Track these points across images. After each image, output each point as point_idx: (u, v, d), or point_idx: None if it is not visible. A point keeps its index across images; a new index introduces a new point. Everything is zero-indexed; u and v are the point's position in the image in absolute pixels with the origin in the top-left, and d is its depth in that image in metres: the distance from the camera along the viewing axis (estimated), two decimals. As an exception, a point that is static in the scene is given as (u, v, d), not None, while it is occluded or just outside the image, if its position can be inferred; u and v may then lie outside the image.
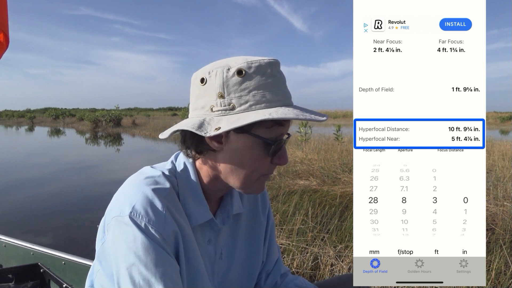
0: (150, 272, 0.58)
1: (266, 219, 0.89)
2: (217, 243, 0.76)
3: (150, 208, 0.61)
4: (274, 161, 0.69)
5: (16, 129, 26.89)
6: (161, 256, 0.59)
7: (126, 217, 0.60)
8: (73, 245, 3.30)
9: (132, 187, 0.65)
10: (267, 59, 0.65)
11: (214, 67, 0.66)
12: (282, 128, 0.66)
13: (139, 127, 22.72)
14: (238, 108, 0.63)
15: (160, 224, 0.61)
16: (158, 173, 0.69)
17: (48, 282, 1.47)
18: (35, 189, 5.83)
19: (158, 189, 0.64)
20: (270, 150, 0.66)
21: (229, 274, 0.79)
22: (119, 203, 0.63)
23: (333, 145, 8.34)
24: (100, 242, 0.66)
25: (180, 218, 0.65)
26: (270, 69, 0.64)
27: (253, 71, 0.63)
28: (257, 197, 0.88)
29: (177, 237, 0.64)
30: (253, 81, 0.63)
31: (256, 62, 0.64)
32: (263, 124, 0.64)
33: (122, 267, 0.59)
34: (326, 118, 0.64)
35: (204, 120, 0.65)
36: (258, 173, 0.68)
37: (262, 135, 0.65)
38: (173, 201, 0.66)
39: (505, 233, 2.88)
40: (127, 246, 0.59)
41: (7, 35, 1.31)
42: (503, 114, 36.77)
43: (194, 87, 0.69)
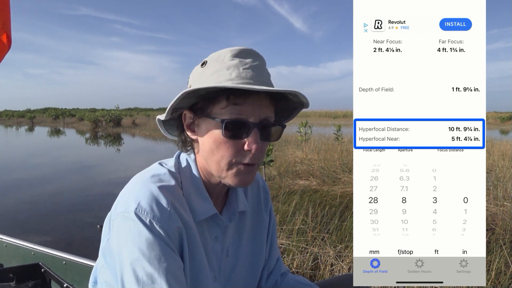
0: (154, 267, 0.58)
1: (268, 217, 0.90)
2: (224, 241, 0.77)
3: (155, 204, 0.62)
4: (244, 147, 0.66)
5: (16, 129, 26.89)
6: (165, 252, 0.60)
7: (132, 213, 0.61)
8: (74, 245, 3.31)
9: (138, 184, 0.66)
10: (232, 48, 0.69)
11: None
12: (239, 108, 0.64)
13: (139, 127, 22.72)
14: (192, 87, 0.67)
15: (164, 220, 0.61)
16: (164, 171, 0.70)
17: (49, 281, 1.47)
18: (35, 189, 5.83)
19: (163, 186, 0.65)
20: (222, 131, 0.64)
21: (234, 272, 0.79)
22: (125, 200, 0.64)
23: (333, 145, 8.34)
24: (106, 238, 0.67)
25: (185, 214, 0.66)
26: (230, 55, 0.67)
27: (213, 59, 0.68)
28: (259, 195, 0.88)
29: (181, 233, 0.64)
30: (211, 67, 0.67)
31: (219, 52, 0.69)
32: (217, 104, 0.65)
33: (126, 262, 0.59)
34: (290, 90, 0.63)
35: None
36: (227, 160, 0.66)
37: (215, 116, 0.65)
38: (178, 197, 0.67)
39: (505, 233, 2.88)
40: (132, 242, 0.60)
41: (9, 36, 1.31)
42: (503, 114, 36.75)
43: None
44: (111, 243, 0.64)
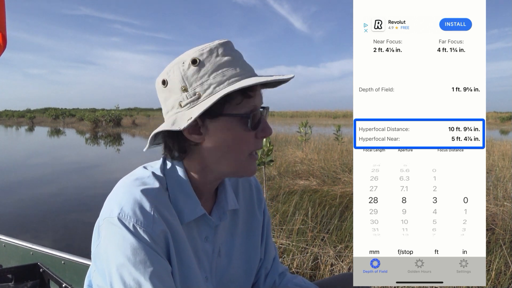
0: (139, 272, 0.58)
1: (262, 216, 0.89)
2: (215, 240, 0.76)
3: (138, 208, 0.62)
4: (258, 135, 0.70)
5: (16, 129, 26.89)
6: (150, 256, 0.60)
7: (115, 218, 0.61)
8: (73, 245, 3.30)
9: (122, 189, 0.66)
10: (217, 41, 0.68)
11: (171, 66, 0.69)
12: (253, 100, 0.68)
13: (139, 127, 22.73)
14: (204, 95, 0.65)
15: (148, 224, 0.61)
16: (148, 174, 0.69)
17: (48, 282, 1.47)
18: (35, 189, 5.83)
19: (147, 189, 0.65)
20: (248, 123, 0.67)
21: (227, 272, 0.79)
22: (109, 205, 0.64)
23: (333, 145, 8.35)
24: (95, 244, 0.66)
25: (170, 217, 0.66)
26: (222, 49, 0.67)
27: (206, 56, 0.66)
28: (252, 193, 0.88)
29: (166, 236, 0.64)
30: (208, 64, 0.66)
31: (206, 47, 0.67)
32: (232, 101, 0.65)
33: (113, 267, 0.59)
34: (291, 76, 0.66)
35: (176, 117, 0.67)
36: (247, 152, 0.70)
37: (236, 112, 0.66)
38: (162, 201, 0.66)
39: (505, 233, 2.89)
40: (117, 247, 0.60)
41: (4, 36, 1.31)
42: (503, 114, 36.78)
43: (160, 91, 0.72)
44: (100, 249, 0.64)
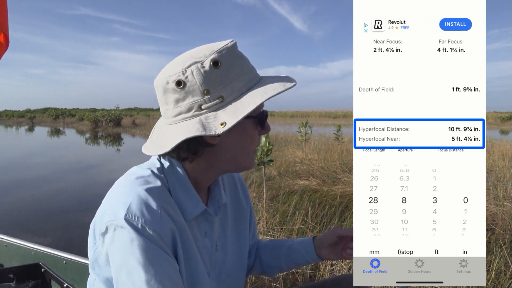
0: (149, 273, 0.57)
1: (248, 205, 0.90)
2: (212, 235, 0.77)
3: (145, 208, 0.60)
4: (261, 133, 0.74)
5: (16, 129, 26.88)
6: (159, 256, 0.59)
7: (121, 220, 0.59)
8: (74, 245, 3.31)
9: (123, 189, 0.64)
10: (229, 42, 0.67)
11: (184, 66, 0.64)
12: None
13: (139, 127, 22.71)
14: (229, 98, 0.65)
15: (156, 223, 0.60)
16: (148, 172, 0.68)
17: (49, 281, 1.47)
18: (35, 189, 5.83)
19: (150, 188, 0.64)
20: (259, 124, 0.71)
21: (225, 265, 0.80)
22: (112, 207, 0.62)
23: (333, 145, 8.34)
24: (92, 250, 0.66)
25: (175, 215, 0.66)
26: (237, 50, 0.68)
27: (226, 58, 0.65)
28: (236, 185, 0.89)
29: (174, 234, 0.64)
30: (230, 67, 0.65)
31: (223, 49, 0.65)
32: None
33: (122, 270, 0.59)
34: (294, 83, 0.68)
35: (201, 120, 0.64)
36: (255, 148, 0.75)
37: (254, 114, 0.69)
38: (166, 198, 0.66)
39: (505, 233, 2.88)
40: (125, 249, 0.59)
41: (7, 36, 1.31)
42: (503, 114, 36.76)
43: (170, 92, 0.66)
44: (99, 254, 0.64)
